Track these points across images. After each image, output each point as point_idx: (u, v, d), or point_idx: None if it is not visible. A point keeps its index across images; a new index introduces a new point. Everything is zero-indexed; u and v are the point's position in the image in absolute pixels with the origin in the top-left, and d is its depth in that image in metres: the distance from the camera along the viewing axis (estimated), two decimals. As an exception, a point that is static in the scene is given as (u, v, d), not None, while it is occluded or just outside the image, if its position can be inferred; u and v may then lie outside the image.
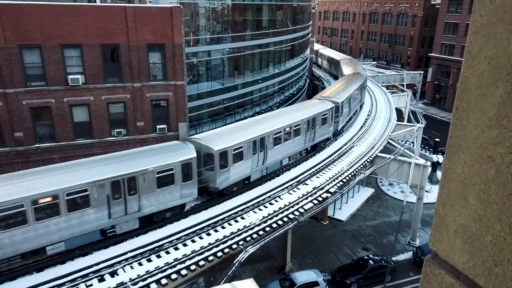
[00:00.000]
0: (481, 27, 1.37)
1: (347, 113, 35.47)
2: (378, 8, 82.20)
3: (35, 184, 15.94)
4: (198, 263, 17.58)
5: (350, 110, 36.51)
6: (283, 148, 26.28)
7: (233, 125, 26.66)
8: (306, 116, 28.11)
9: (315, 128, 29.13)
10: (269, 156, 25.00)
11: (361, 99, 41.79)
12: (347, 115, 35.96)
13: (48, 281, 15.61)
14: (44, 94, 24.43)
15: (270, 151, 24.90)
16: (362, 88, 41.93)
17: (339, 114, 32.28)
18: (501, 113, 1.32)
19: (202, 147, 21.50)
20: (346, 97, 34.00)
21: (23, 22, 22.91)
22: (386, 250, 29.80)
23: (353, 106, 37.53)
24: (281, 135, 25.76)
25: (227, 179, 22.10)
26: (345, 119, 35.37)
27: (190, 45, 33.23)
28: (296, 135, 27.26)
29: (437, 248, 1.63)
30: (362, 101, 42.98)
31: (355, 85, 39.29)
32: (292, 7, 47.47)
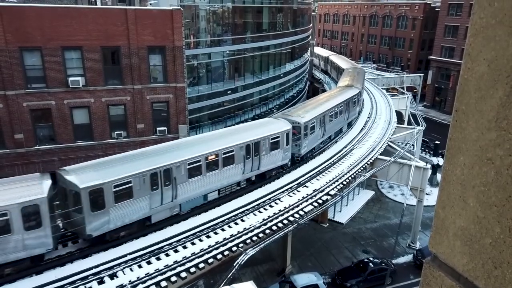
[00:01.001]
0: (481, 30, 1.37)
1: (318, 135, 29.81)
2: (378, 11, 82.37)
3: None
4: (198, 265, 17.55)
5: (323, 131, 30.80)
6: (206, 181, 21.33)
7: (130, 153, 20.41)
8: (243, 141, 23.01)
9: (260, 155, 24.08)
10: (182, 192, 20.27)
11: (348, 116, 36.11)
12: (318, 138, 30.10)
13: (48, 283, 15.58)
14: (45, 96, 24.45)
15: (182, 185, 20.18)
16: (350, 104, 36.01)
17: (301, 136, 26.92)
18: (500, 115, 1.33)
19: (67, 182, 16.89)
20: (315, 116, 28.55)
21: (24, 24, 22.96)
22: (386, 253, 29.75)
23: (330, 126, 31.81)
24: (201, 165, 20.91)
25: (106, 225, 17.55)
26: (315, 142, 29.56)
27: (191, 48, 33.29)
28: (228, 164, 22.25)
29: (437, 250, 1.63)
30: (351, 118, 37.36)
31: (337, 100, 33.78)
32: (293, 10, 47.59)
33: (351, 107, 36.41)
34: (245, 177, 23.93)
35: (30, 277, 16.06)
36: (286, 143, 25.71)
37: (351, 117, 37.34)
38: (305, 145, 27.78)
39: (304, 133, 27.29)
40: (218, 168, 21.94)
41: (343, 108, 34.21)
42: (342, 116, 34.32)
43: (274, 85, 44.68)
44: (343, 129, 35.90)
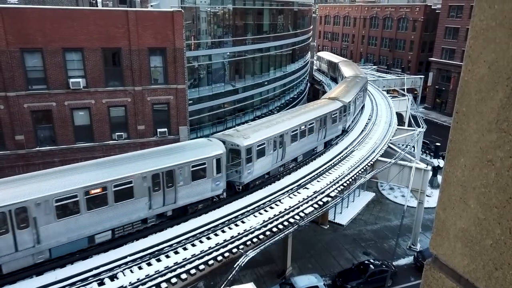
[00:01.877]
0: (481, 32, 1.38)
1: (272, 158, 25.03)
2: (378, 13, 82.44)
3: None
4: (198, 267, 17.53)
5: (282, 154, 25.97)
6: (86, 222, 17.13)
7: None
8: (147, 169, 18.69)
9: (176, 186, 19.85)
10: (47, 235, 16.17)
11: (324, 135, 30.41)
12: (273, 162, 25.12)
13: (48, 284, 15.58)
14: (45, 98, 24.48)
15: (47, 227, 16.06)
16: (328, 120, 30.44)
17: (242, 161, 22.40)
18: (501, 117, 1.33)
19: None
20: (265, 137, 23.90)
21: (25, 26, 23.01)
22: (386, 255, 29.71)
23: (293, 147, 26.70)
24: (77, 201, 16.78)
25: None
26: (267, 167, 24.83)
27: (191, 49, 33.33)
28: (124, 199, 18.07)
29: (438, 251, 1.63)
30: (329, 137, 31.77)
31: (306, 116, 28.47)
32: (293, 12, 47.65)
33: (329, 124, 30.61)
34: (154, 213, 19.44)
35: (31, 278, 16.06)
36: (216, 170, 21.14)
37: (329, 136, 31.41)
38: (248, 171, 22.87)
39: (247, 157, 22.50)
40: (107, 205, 17.54)
41: (316, 125, 28.80)
42: (313, 135, 28.80)
43: (275, 86, 44.71)
44: (318, 149, 30.48)
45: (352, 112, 36.22)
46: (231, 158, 22.47)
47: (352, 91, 37.53)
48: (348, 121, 34.66)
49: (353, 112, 36.77)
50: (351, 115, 36.34)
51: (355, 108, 37.93)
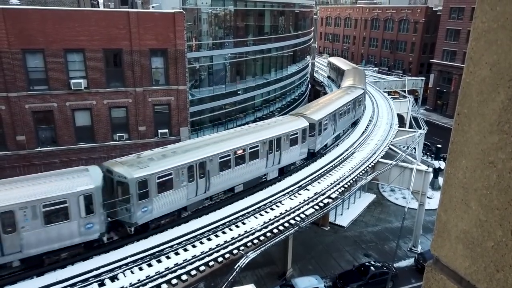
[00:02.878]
0: (483, 34, 1.38)
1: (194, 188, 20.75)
2: (379, 14, 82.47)
3: None
4: (199, 268, 17.53)
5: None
6: None
7: None
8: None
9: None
10: None
11: (270, 163, 24.99)
12: (164, 207, 19.59)
13: (49, 285, 15.58)
14: (47, 98, 24.52)
15: None
16: (277, 142, 25.16)
17: (131, 196, 18.12)
18: (502, 119, 1.33)
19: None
20: (164, 169, 19.15)
21: (26, 27, 23.06)
22: (387, 257, 29.65)
23: (221, 179, 22.04)
24: None
25: None
26: (158, 210, 19.37)
27: (192, 50, 33.37)
28: None
29: (439, 253, 1.63)
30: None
31: (237, 141, 23.15)
32: (294, 13, 47.69)
33: (286, 147, 25.90)
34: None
35: (31, 279, 16.06)
36: (86, 210, 17.21)
37: (287, 161, 26.56)
38: (144, 210, 18.51)
39: (141, 192, 18.26)
40: None
41: (263, 148, 24.20)
42: (259, 161, 24.11)
43: (276, 88, 44.72)
44: (269, 176, 25.68)
45: (328, 132, 31.12)
46: (119, 193, 17.99)
47: (330, 107, 31.98)
48: (318, 143, 28.97)
49: (330, 132, 31.65)
50: (327, 135, 31.26)
51: (335, 125, 32.47)
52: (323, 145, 30.65)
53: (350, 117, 36.53)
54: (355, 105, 37.28)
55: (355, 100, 36.96)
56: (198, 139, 23.59)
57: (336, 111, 32.12)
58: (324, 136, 30.42)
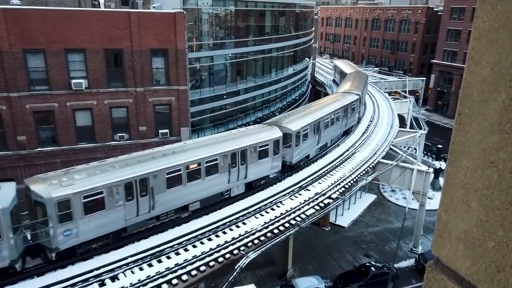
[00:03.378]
0: (484, 33, 1.37)
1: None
2: (380, 15, 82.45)
3: None
4: (199, 268, 17.52)
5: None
6: None
7: None
8: None
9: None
10: None
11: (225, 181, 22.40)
12: (92, 231, 17.52)
13: (49, 285, 15.58)
14: (48, 98, 24.54)
15: None
16: (233, 157, 22.46)
17: (50, 217, 16.09)
18: (503, 119, 1.32)
19: None
20: (93, 186, 17.05)
21: (27, 27, 23.09)
22: (388, 257, 29.63)
23: (167, 198, 19.82)
24: None
25: None
26: (85, 235, 17.31)
27: (193, 50, 33.38)
28: None
29: (440, 253, 1.62)
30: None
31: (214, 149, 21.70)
32: (295, 13, 47.70)
33: (254, 160, 23.46)
34: None
35: (32, 278, 16.07)
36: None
37: (254, 175, 23.98)
38: (67, 233, 16.30)
39: (62, 214, 16.16)
40: None
41: (204, 169, 21.24)
42: (182, 186, 20.35)
43: (276, 88, 44.72)
44: (235, 192, 23.28)
45: (309, 143, 28.06)
46: (38, 214, 16.10)
47: (314, 115, 29.27)
48: (295, 155, 26.40)
49: (312, 143, 28.48)
50: (308, 147, 28.19)
51: (319, 135, 29.43)
52: (303, 156, 27.74)
53: (340, 126, 33.35)
54: (346, 113, 34.08)
55: (347, 107, 33.96)
56: (145, 152, 20.58)
57: (321, 120, 29.46)
58: (304, 148, 27.56)
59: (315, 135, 28.82)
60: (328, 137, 31.64)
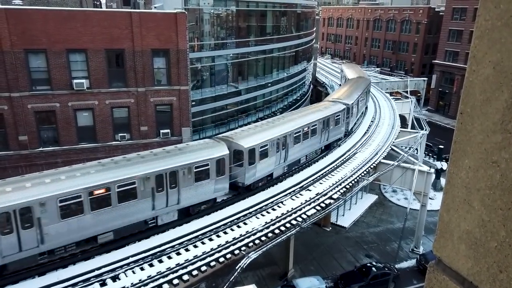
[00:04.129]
0: (486, 32, 1.36)
1: None
2: (382, 15, 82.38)
3: None
4: (200, 268, 17.53)
5: None
6: None
7: None
8: None
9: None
10: None
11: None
12: None
13: (50, 285, 15.61)
14: (49, 98, 24.58)
15: None
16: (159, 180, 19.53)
17: None
18: (506, 118, 1.32)
19: None
20: None
21: (29, 27, 23.12)
22: (389, 258, 29.60)
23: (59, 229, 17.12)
24: None
25: None
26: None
27: (195, 51, 33.39)
28: None
29: (441, 254, 1.61)
30: None
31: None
32: (296, 14, 47.68)
33: (188, 182, 20.35)
34: None
35: (33, 278, 16.09)
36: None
37: (189, 200, 20.74)
38: None
39: None
40: None
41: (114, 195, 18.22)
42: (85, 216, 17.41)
43: (278, 88, 44.71)
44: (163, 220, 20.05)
45: (271, 161, 24.48)
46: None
47: (279, 128, 25.64)
48: (249, 176, 23.04)
49: (276, 160, 24.93)
50: (270, 165, 24.59)
51: (286, 152, 25.66)
52: (262, 176, 24.18)
53: (317, 141, 29.16)
54: (327, 125, 29.85)
55: (328, 119, 29.80)
56: (36, 174, 17.53)
57: (288, 134, 25.64)
58: (263, 167, 23.90)
59: (280, 152, 25.17)
60: (299, 154, 27.59)
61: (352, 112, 33.69)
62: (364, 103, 41.05)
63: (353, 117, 35.01)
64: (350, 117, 33.68)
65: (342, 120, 32.14)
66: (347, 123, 33.75)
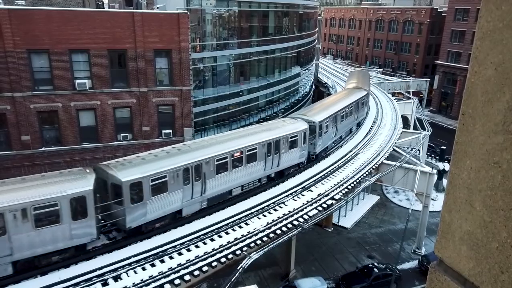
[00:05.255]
0: (488, 33, 1.37)
1: None
2: (384, 16, 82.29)
3: None
4: (202, 268, 17.53)
5: None
6: None
7: None
8: None
9: None
10: None
11: None
12: None
13: (52, 284, 15.64)
14: (52, 99, 24.65)
15: None
16: None
17: None
18: (507, 119, 1.32)
19: None
20: None
21: (32, 27, 23.20)
22: (391, 258, 29.54)
23: None
24: None
25: None
26: None
27: (197, 51, 33.44)
28: None
29: (443, 254, 1.62)
30: None
31: None
32: (298, 14, 47.69)
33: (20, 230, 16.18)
34: None
35: (35, 278, 16.13)
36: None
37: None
38: None
39: None
40: None
41: None
42: None
43: (280, 88, 44.71)
44: None
45: (170, 200, 19.45)
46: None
47: (197, 153, 20.83)
48: (145, 214, 18.64)
49: (179, 198, 19.73)
50: (167, 204, 19.49)
51: (203, 186, 20.77)
52: (153, 218, 19.05)
53: (260, 167, 23.93)
54: (274, 149, 24.61)
55: (277, 141, 24.63)
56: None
57: (213, 160, 21.05)
58: (156, 207, 19.01)
59: (198, 186, 20.80)
60: (223, 187, 22.23)
61: (321, 132, 28.53)
62: (351, 121, 35.34)
63: (324, 138, 29.65)
64: (318, 138, 28.38)
65: (301, 140, 26.42)
66: (313, 145, 28.33)
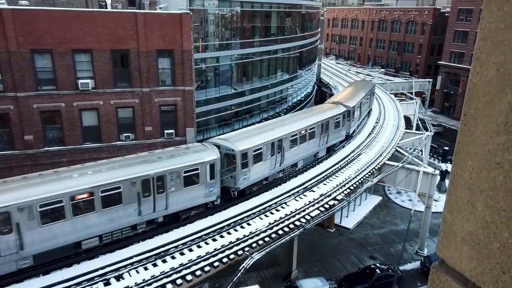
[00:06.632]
0: (490, 34, 1.37)
1: None
2: (387, 16, 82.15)
3: None
4: (204, 268, 17.55)
5: None
6: None
7: None
8: None
9: None
10: None
11: None
12: None
13: (54, 284, 15.69)
14: (55, 98, 24.72)
15: None
16: None
17: None
18: (509, 120, 1.32)
19: None
20: None
21: (35, 27, 23.27)
22: (393, 259, 29.48)
23: None
24: None
25: None
26: None
27: (199, 51, 33.45)
28: None
29: (444, 255, 1.62)
30: None
31: None
32: (301, 14, 47.65)
33: None
34: None
35: (37, 277, 16.18)
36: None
37: None
38: None
39: None
40: None
41: None
42: None
43: (282, 89, 44.69)
44: None
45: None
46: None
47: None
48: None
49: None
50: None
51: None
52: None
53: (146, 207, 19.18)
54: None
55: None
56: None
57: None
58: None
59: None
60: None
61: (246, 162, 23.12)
62: (311, 146, 29.04)
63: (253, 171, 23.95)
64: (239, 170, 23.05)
65: (217, 171, 21.86)
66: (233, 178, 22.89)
